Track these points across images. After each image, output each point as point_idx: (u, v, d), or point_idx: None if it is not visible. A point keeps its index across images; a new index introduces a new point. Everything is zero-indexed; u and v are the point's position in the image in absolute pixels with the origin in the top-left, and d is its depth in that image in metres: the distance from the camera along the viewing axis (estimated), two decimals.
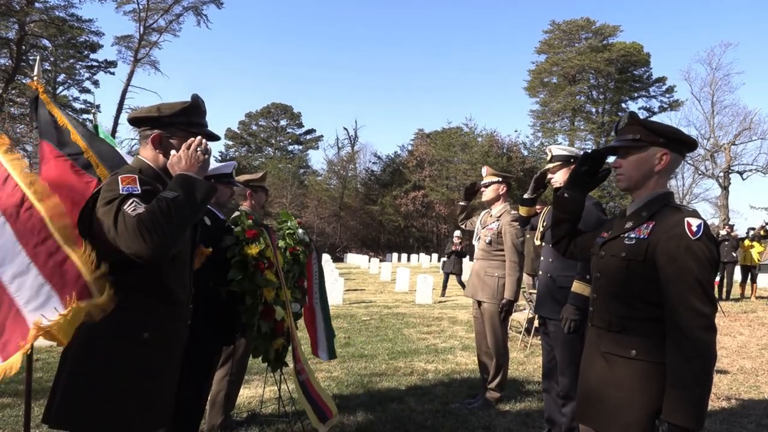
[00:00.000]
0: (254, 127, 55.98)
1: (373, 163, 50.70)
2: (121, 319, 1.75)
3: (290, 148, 56.47)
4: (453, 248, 14.02)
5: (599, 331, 1.87)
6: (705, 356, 1.60)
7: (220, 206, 3.20)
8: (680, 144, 1.84)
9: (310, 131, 56.23)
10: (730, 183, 36.39)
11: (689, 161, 37.17)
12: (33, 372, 2.94)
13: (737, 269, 13.62)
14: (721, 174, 36.43)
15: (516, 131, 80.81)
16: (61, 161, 2.56)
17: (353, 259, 32.94)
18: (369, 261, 26.72)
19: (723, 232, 13.52)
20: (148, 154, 1.93)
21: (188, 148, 1.84)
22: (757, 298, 13.24)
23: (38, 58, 3.29)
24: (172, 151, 1.87)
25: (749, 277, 13.52)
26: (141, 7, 35.46)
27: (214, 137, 2.01)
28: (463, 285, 13.91)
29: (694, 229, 1.67)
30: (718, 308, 4.57)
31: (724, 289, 12.89)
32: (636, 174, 1.85)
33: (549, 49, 46.13)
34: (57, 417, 1.68)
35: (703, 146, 36.52)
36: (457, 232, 14.46)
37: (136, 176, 1.76)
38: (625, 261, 1.79)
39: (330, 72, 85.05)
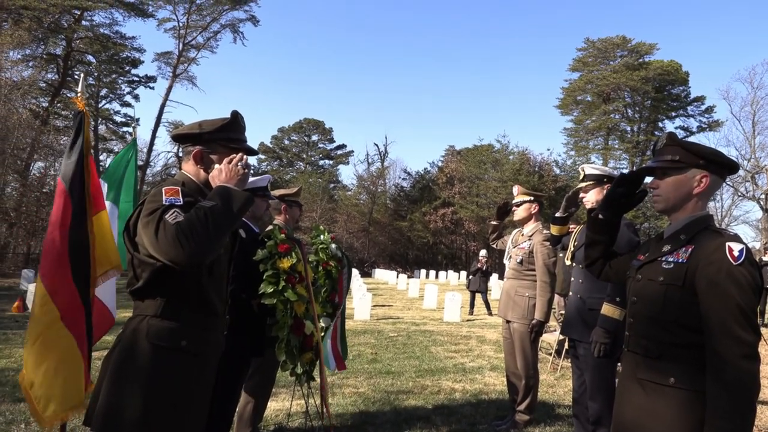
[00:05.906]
0: (286, 142, 56.83)
1: (403, 179, 50.92)
2: (161, 327, 1.80)
3: (321, 162, 57.06)
4: (478, 266, 13.90)
5: (636, 356, 1.81)
6: (747, 386, 1.54)
7: (256, 219, 3.25)
8: (721, 166, 1.79)
9: (341, 146, 56.78)
10: None
11: (728, 182, 35.98)
12: None
13: None
14: (763, 196, 35.15)
15: (548, 150, 79.74)
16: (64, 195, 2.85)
17: (381, 274, 32.90)
18: (397, 277, 26.64)
19: (766, 258, 13.01)
20: (190, 169, 2.01)
21: (230, 162, 1.90)
22: None
23: (82, 75, 3.46)
24: (215, 165, 1.93)
25: None
26: (181, 24, 36.88)
27: (253, 152, 2.08)
28: (487, 304, 13.74)
29: (736, 254, 1.62)
30: (762, 336, 4.35)
31: (767, 316, 12.36)
32: (674, 196, 1.80)
33: (583, 67, 45.58)
34: (97, 421, 1.73)
35: (743, 167, 35.33)
36: (483, 251, 14.31)
37: (179, 188, 1.82)
38: (663, 285, 1.74)
39: (362, 89, 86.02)
